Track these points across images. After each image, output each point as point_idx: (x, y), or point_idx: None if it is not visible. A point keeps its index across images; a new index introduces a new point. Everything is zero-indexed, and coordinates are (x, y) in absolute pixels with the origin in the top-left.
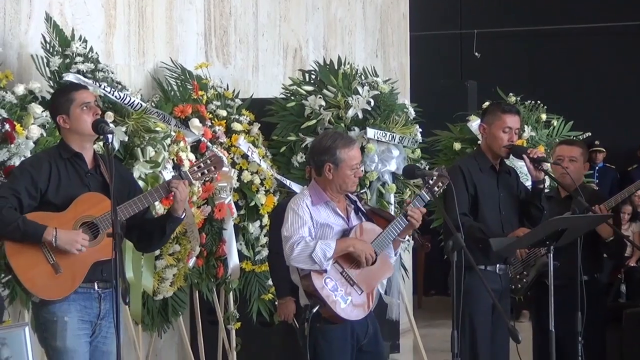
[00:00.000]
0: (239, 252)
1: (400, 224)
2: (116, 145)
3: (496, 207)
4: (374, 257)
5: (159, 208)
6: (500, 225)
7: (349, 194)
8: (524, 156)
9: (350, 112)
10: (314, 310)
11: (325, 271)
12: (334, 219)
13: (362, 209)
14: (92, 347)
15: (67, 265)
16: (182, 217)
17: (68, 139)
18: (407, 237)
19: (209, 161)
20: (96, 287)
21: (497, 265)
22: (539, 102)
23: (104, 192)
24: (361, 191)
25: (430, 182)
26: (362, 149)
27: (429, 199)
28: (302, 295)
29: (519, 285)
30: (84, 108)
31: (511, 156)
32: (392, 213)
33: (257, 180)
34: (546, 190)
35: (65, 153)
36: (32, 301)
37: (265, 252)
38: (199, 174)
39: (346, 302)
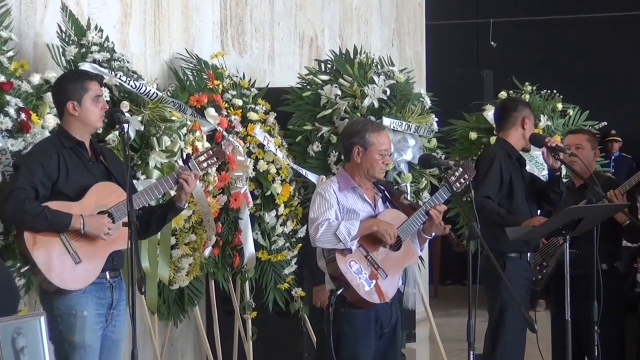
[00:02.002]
0: (255, 241)
1: (424, 214)
2: (132, 134)
3: (524, 198)
4: (397, 238)
5: None
6: (529, 215)
7: (378, 185)
8: (544, 145)
9: (366, 102)
10: (338, 293)
11: (350, 251)
12: (361, 205)
13: (388, 195)
14: (102, 336)
15: (85, 254)
16: (185, 207)
17: (71, 126)
18: (433, 234)
19: (211, 152)
20: (108, 277)
21: (528, 254)
22: (554, 91)
23: (108, 181)
24: (395, 187)
25: (453, 178)
26: None
27: (450, 193)
28: (327, 281)
29: (540, 277)
30: (96, 100)
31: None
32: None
33: (273, 170)
34: (564, 180)
35: (67, 142)
36: (44, 292)
37: (281, 242)
38: (204, 165)
39: (370, 285)
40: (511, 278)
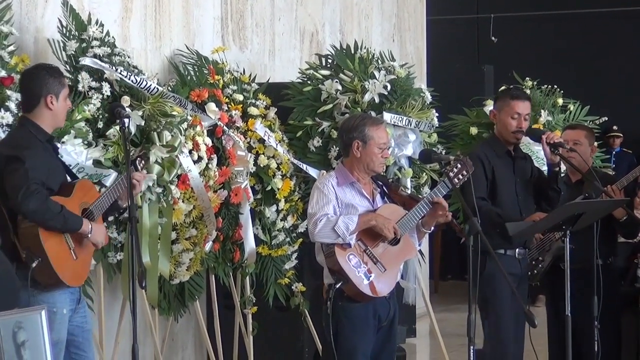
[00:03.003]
0: (256, 236)
1: (424, 207)
2: (132, 129)
3: (513, 192)
4: (397, 231)
5: (175, 192)
6: (518, 209)
7: (376, 180)
8: (542, 138)
9: (367, 97)
10: (337, 286)
11: (349, 245)
12: (359, 200)
13: (386, 191)
14: (79, 329)
15: (79, 252)
16: (124, 206)
17: (42, 120)
18: (432, 228)
19: (140, 157)
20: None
21: (517, 250)
22: (555, 86)
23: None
24: (391, 180)
25: (452, 173)
26: None
27: (450, 188)
28: (326, 275)
29: (535, 271)
30: (66, 99)
31: (527, 140)
32: None
33: (273, 165)
34: (561, 175)
35: (41, 136)
36: (23, 287)
37: (281, 237)
38: (140, 166)
39: (369, 279)
40: (494, 274)
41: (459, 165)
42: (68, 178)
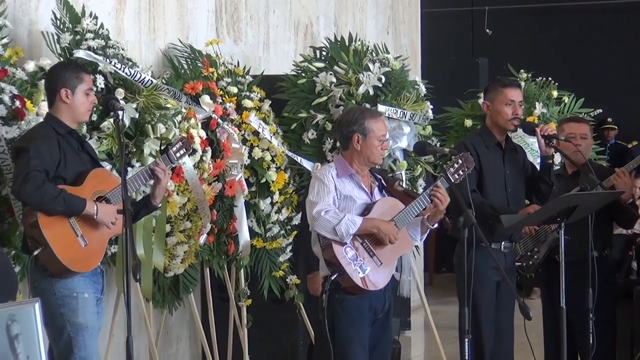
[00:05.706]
0: (250, 229)
1: (423, 202)
2: (127, 122)
3: (502, 184)
4: (397, 238)
5: (170, 185)
6: (506, 201)
7: (375, 173)
8: (536, 131)
9: (361, 89)
10: (333, 278)
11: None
12: (358, 193)
13: (384, 184)
14: None
15: (90, 238)
16: (159, 205)
17: (61, 114)
18: (435, 224)
19: (181, 143)
20: (99, 263)
21: (502, 244)
22: (550, 78)
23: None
24: (390, 174)
25: (452, 169)
26: None
27: (447, 185)
28: (322, 267)
29: (530, 262)
30: (88, 93)
31: (521, 132)
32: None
33: (268, 157)
34: (555, 168)
35: (60, 129)
36: (44, 276)
37: (276, 229)
38: (178, 155)
39: (365, 272)
40: (477, 266)
41: (459, 161)
42: None
